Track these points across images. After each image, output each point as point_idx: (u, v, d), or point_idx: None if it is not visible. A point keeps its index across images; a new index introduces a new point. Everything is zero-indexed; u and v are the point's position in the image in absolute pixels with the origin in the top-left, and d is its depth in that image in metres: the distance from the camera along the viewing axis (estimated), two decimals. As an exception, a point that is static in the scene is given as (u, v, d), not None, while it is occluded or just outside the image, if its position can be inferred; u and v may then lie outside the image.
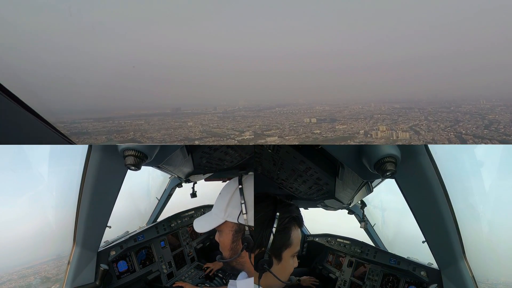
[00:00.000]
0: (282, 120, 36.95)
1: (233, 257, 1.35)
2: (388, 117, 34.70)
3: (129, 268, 3.16)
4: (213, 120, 37.05)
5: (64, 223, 2.25)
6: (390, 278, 3.15)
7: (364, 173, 1.69)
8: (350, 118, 35.31)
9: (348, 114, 37.16)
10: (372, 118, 34.65)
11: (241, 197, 1.32)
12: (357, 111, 38.65)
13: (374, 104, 40.01)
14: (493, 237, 2.10)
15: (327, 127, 33.23)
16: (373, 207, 3.65)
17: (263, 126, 34.58)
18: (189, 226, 4.21)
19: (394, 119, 34.06)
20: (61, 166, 2.11)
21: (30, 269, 2.20)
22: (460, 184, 1.91)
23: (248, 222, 1.30)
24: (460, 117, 32.10)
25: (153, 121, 34.81)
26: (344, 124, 33.27)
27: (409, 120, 33.31)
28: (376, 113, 36.25)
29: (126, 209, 3.47)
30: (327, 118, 36.16)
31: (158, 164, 2.13)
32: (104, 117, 33.02)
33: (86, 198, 2.09)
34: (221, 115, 39.40)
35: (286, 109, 41.22)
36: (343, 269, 3.73)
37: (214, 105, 42.53)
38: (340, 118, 35.75)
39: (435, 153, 1.65)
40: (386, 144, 1.50)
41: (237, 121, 37.05)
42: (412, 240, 2.78)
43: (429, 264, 2.73)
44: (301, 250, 4.56)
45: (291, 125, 34.49)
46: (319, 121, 35.08)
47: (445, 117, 32.98)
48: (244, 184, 1.35)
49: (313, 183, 2.83)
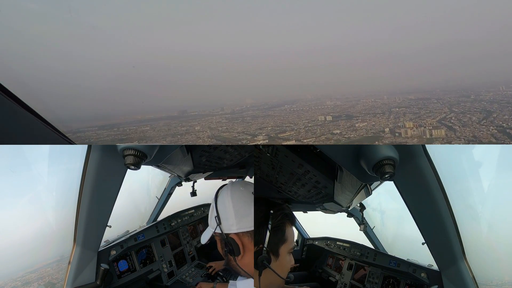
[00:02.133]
0: (294, 119, 33.62)
1: (225, 262, 1.49)
2: (408, 110, 31.06)
3: (129, 268, 3.17)
4: (221, 123, 34.18)
5: (64, 223, 2.26)
6: (390, 280, 3.14)
7: (362, 176, 1.69)
8: (367, 114, 31.73)
9: (363, 109, 33.79)
10: (391, 113, 31.09)
11: (215, 211, 1.46)
12: (371, 104, 35.16)
13: (387, 96, 36.77)
14: (492, 237, 2.09)
15: (345, 125, 29.57)
16: (372, 209, 3.64)
17: (276, 128, 31.33)
18: (189, 225, 4.23)
19: (415, 112, 30.35)
20: (61, 166, 2.12)
21: (34, 273, 2.19)
22: (458, 185, 1.91)
23: (224, 230, 1.42)
24: (489, 107, 28.48)
25: (159, 126, 32.76)
26: (364, 121, 29.59)
27: (432, 113, 29.42)
28: (393, 107, 32.79)
29: (126, 209, 3.48)
30: (342, 114, 32.75)
31: (157, 163, 2.14)
32: (108, 124, 31.50)
33: (86, 198, 2.10)
34: (229, 116, 36.58)
35: (295, 106, 38.44)
36: (343, 272, 3.72)
37: (221, 105, 39.91)
38: (356, 114, 32.29)
39: (433, 154, 1.64)
40: (384, 145, 1.50)
41: (247, 122, 34.08)
42: (412, 242, 2.77)
43: (429, 265, 2.72)
44: (301, 253, 4.55)
45: (306, 125, 31.06)
46: (335, 118, 31.61)
47: (470, 107, 29.31)
48: (219, 197, 1.48)
49: (312, 187, 2.83)
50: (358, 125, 29.16)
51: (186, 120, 35.24)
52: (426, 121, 27.87)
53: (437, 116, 28.66)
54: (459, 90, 35.56)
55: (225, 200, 1.44)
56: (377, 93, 39.13)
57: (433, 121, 27.64)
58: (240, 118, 35.48)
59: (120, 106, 43.39)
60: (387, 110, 32.03)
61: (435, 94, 35.48)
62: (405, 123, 28.04)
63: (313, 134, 28.71)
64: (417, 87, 40.29)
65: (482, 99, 30.85)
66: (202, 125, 33.24)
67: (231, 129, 32.10)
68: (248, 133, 30.57)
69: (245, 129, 31.64)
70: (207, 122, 34.34)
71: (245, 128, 32.07)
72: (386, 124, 28.66)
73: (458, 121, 26.95)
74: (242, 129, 31.65)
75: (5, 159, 1.84)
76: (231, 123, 33.82)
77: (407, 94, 36.80)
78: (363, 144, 1.60)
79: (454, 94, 33.94)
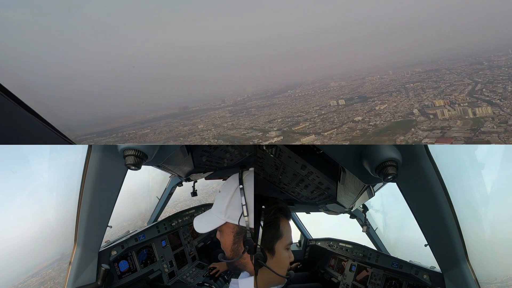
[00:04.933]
0: (303, 106, 29.72)
1: (234, 259, 1.34)
2: (425, 85, 27.19)
3: (130, 268, 3.17)
4: (225, 118, 30.86)
5: (65, 224, 2.25)
6: (393, 282, 3.13)
7: (365, 177, 1.68)
8: (380, 93, 28.08)
9: (372, 88, 30.40)
10: (407, 90, 27.33)
11: (242, 198, 1.28)
12: (379, 82, 32.02)
13: (392, 71, 33.56)
14: (495, 238, 2.07)
15: (364, 109, 25.07)
16: (375, 211, 3.63)
17: (287, 119, 26.86)
18: (190, 225, 4.22)
19: (434, 87, 26.27)
20: (61, 166, 2.11)
21: (35, 277, 2.18)
22: (461, 186, 1.89)
23: (249, 225, 1.27)
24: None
25: (160, 127, 30.53)
26: (384, 103, 25.39)
27: (455, 86, 25.33)
28: (405, 82, 29.28)
29: (127, 209, 3.48)
30: (353, 96, 29.16)
31: (158, 164, 2.13)
32: (107, 130, 29.42)
33: (87, 198, 2.09)
34: (231, 108, 33.84)
35: (299, 90, 35.44)
36: (345, 273, 3.71)
37: (221, 98, 37.43)
38: (369, 94, 28.60)
39: (435, 154, 1.62)
40: (386, 145, 1.48)
41: (252, 114, 30.33)
42: (414, 243, 2.76)
43: (432, 267, 2.70)
44: (303, 254, 4.54)
45: (319, 113, 26.60)
46: (348, 101, 27.67)
47: (493, 75, 25.50)
48: (245, 183, 1.30)
49: (315, 188, 2.83)
50: (378, 108, 24.64)
51: (187, 117, 33.06)
52: (455, 96, 23.14)
53: (464, 89, 24.41)
54: (465, 57, 32.62)
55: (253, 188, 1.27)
56: (380, 69, 36.59)
57: (463, 96, 22.97)
58: (244, 110, 32.53)
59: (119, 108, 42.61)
60: (401, 87, 28.68)
61: (442, 64, 32.64)
62: (434, 101, 23.18)
63: (331, 125, 23.76)
64: (420, 59, 37.64)
65: (498, 64, 27.61)
66: (205, 122, 30.45)
67: (238, 125, 28.35)
68: (257, 129, 26.39)
69: (253, 124, 27.79)
70: (210, 118, 31.58)
71: (253, 122, 28.23)
72: (411, 104, 24.09)
73: (493, 93, 22.09)
74: (250, 124, 27.88)
75: (5, 159, 1.84)
76: (236, 117, 30.54)
77: (412, 67, 33.96)
78: (366, 144, 1.57)
79: (462, 63, 30.86)
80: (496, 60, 28.76)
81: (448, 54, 37.39)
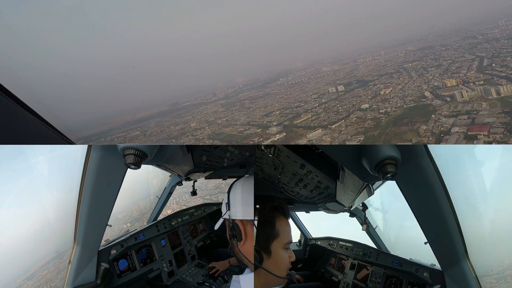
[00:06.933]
0: (299, 94, 27.33)
1: (229, 248, 1.55)
2: (425, 64, 25.39)
3: (129, 267, 3.17)
4: (218, 113, 28.56)
5: (65, 223, 2.26)
6: (393, 280, 3.13)
7: (364, 176, 1.68)
8: (379, 76, 26.14)
9: (369, 71, 28.59)
10: (407, 70, 25.48)
11: (226, 198, 1.55)
12: (373, 64, 30.49)
13: (384, 51, 32.84)
14: (495, 236, 2.08)
15: (367, 95, 22.78)
16: (375, 209, 3.64)
17: (285, 111, 24.42)
18: (190, 224, 4.23)
19: (436, 65, 24.39)
20: (61, 166, 2.11)
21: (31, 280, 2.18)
22: (461, 184, 1.90)
23: (231, 216, 1.48)
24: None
25: (150, 127, 28.88)
26: (387, 87, 23.15)
27: (460, 63, 23.19)
28: (402, 62, 27.65)
29: (127, 208, 3.48)
30: (351, 80, 27.26)
31: (158, 163, 2.13)
32: (95, 134, 27.46)
33: (86, 197, 2.09)
34: (224, 101, 31.98)
35: (291, 77, 34.04)
36: (346, 272, 3.72)
37: (212, 91, 35.91)
38: (367, 77, 26.80)
39: (435, 153, 1.62)
40: (386, 145, 1.48)
41: (247, 107, 28.03)
42: (414, 241, 2.76)
43: (432, 265, 2.71)
44: (304, 253, 4.55)
45: (319, 102, 24.29)
46: (347, 87, 25.65)
47: (494, 48, 23.86)
48: (232, 187, 1.57)
49: (314, 187, 2.82)
50: (384, 93, 22.17)
51: (179, 114, 30.98)
52: (464, 74, 20.90)
53: (470, 65, 22.26)
54: (454, 33, 31.94)
55: (236, 190, 1.53)
56: (371, 50, 35.89)
57: (474, 73, 20.58)
58: (237, 102, 30.35)
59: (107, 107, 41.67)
60: (399, 67, 26.81)
61: (433, 41, 31.78)
62: (445, 81, 20.68)
63: (337, 115, 21.14)
64: (409, 37, 37.27)
65: (493, 37, 26.31)
66: (197, 119, 28.30)
67: (233, 120, 25.83)
68: (255, 124, 23.66)
69: (250, 118, 25.11)
70: (203, 114, 29.34)
71: (249, 116, 25.63)
72: (418, 86, 21.75)
73: (506, 68, 19.72)
74: (246, 119, 25.31)
75: (5, 159, 1.84)
76: (230, 111, 28.14)
77: (403, 45, 33.42)
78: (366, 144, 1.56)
79: (454, 38, 29.82)
80: (489, 33, 27.85)
81: (435, 30, 37.07)
